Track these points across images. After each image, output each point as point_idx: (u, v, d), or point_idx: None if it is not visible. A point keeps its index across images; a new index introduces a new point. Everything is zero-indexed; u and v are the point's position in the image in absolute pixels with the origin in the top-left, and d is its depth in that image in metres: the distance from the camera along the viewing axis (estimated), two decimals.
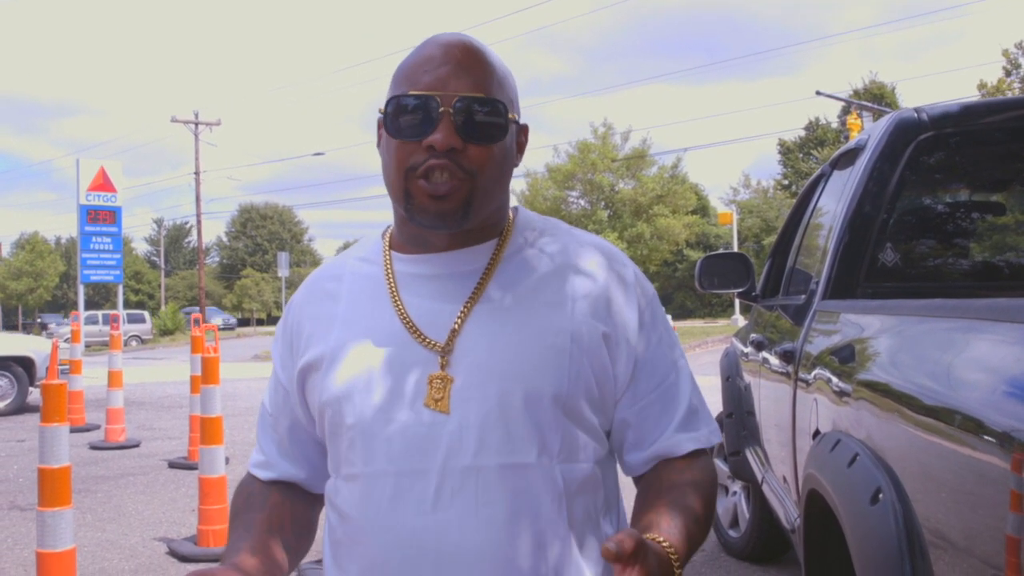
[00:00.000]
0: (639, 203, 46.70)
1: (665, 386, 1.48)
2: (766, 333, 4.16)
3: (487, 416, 1.37)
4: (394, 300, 1.46)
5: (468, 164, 1.38)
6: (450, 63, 1.40)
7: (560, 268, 1.47)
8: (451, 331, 1.41)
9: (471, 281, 1.45)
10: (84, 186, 26.44)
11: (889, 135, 3.08)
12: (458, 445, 1.36)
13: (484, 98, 1.40)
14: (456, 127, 1.37)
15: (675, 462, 1.47)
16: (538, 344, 1.40)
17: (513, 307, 1.43)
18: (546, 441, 1.38)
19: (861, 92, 48.29)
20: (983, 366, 1.55)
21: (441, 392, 1.38)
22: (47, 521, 4.17)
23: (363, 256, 1.57)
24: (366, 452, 1.41)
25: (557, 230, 1.55)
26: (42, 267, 66.75)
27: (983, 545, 1.35)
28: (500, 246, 1.49)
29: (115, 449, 9.92)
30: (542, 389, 1.38)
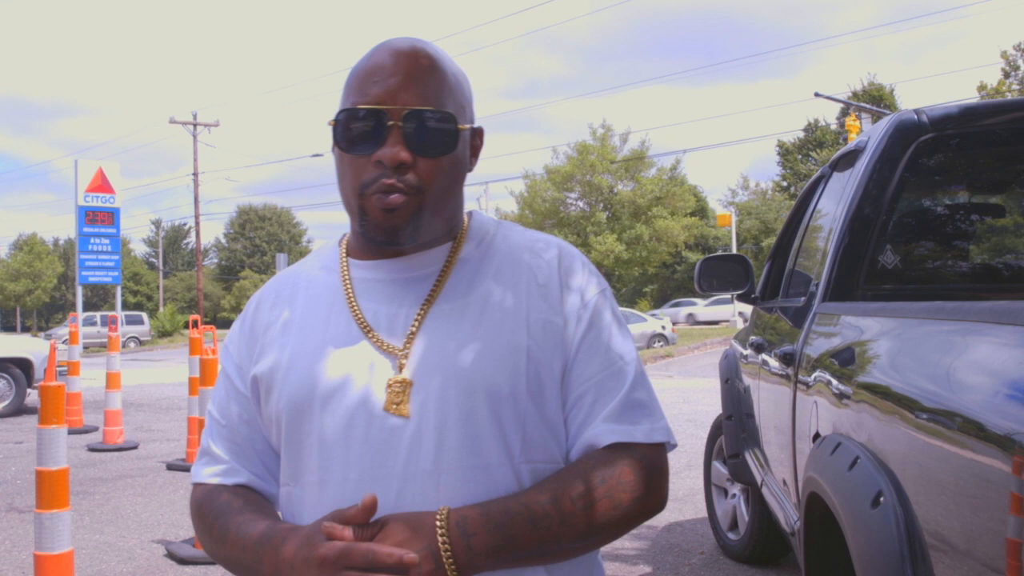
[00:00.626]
0: (638, 205, 46.74)
1: (601, 377, 1.44)
2: (766, 335, 4.15)
3: (446, 418, 1.36)
4: (351, 306, 1.46)
5: (416, 180, 1.38)
6: (399, 73, 1.39)
7: (513, 267, 1.48)
8: (408, 335, 1.41)
9: (427, 284, 1.45)
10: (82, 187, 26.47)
11: (889, 137, 3.08)
12: (418, 449, 1.35)
13: (434, 111, 1.39)
14: (406, 141, 1.37)
15: (593, 453, 1.42)
16: (495, 343, 1.39)
17: (469, 308, 1.43)
18: (508, 440, 1.38)
19: (860, 94, 48.34)
20: (984, 369, 1.55)
21: (400, 396, 1.37)
22: (45, 523, 4.16)
23: (320, 264, 1.57)
24: (325, 459, 1.39)
25: (510, 231, 1.56)
26: (40, 268, 66.80)
27: (984, 548, 1.35)
28: (455, 249, 1.49)
29: (113, 451, 9.91)
30: (500, 387, 1.37)
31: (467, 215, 1.56)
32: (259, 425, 1.52)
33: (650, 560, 5.47)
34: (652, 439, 1.43)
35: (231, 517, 1.45)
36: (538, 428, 1.40)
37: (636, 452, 1.41)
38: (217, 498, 1.50)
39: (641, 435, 1.42)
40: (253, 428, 1.53)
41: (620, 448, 1.41)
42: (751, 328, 5.02)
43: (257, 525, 1.41)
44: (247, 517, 1.44)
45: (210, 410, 1.59)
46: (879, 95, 48.50)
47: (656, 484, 1.42)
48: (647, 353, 25.02)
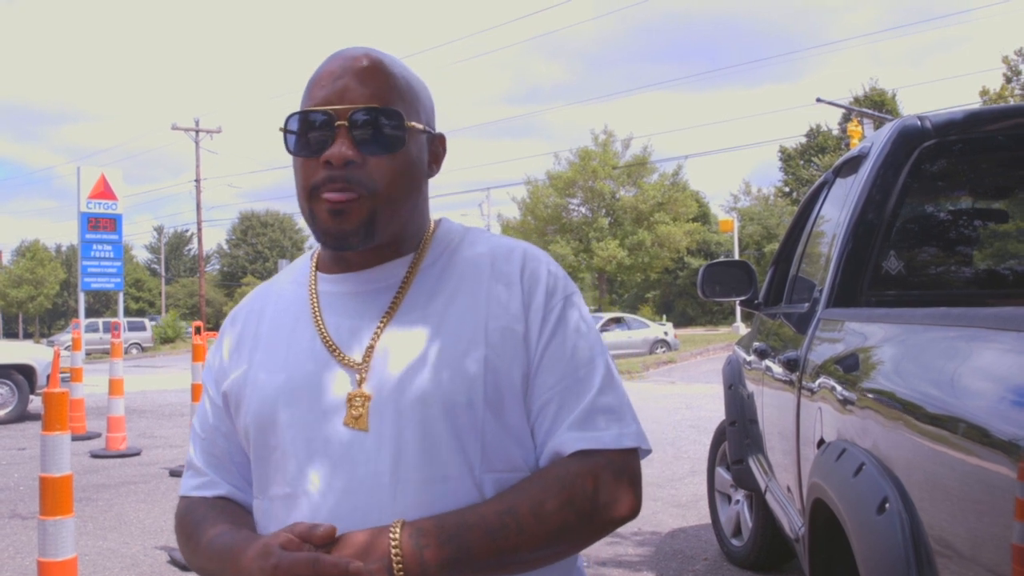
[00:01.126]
0: (640, 210, 46.75)
1: (566, 384, 1.41)
2: (769, 341, 4.15)
3: (402, 431, 1.35)
4: (316, 319, 1.46)
5: (367, 179, 1.37)
6: (347, 76, 1.40)
7: (476, 274, 1.46)
8: (367, 348, 1.41)
9: (388, 297, 1.45)
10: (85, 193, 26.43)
11: (892, 143, 3.08)
12: (376, 462, 1.35)
13: (380, 108, 1.39)
14: (353, 139, 1.37)
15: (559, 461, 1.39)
16: (452, 353, 1.38)
17: (427, 319, 1.42)
18: (467, 451, 1.36)
19: (862, 99, 48.33)
20: (989, 375, 1.55)
21: (360, 410, 1.37)
22: (49, 530, 4.16)
23: (291, 278, 1.58)
24: (289, 473, 1.40)
25: (477, 239, 1.54)
26: (43, 275, 66.92)
27: (990, 554, 1.35)
28: (416, 259, 1.48)
29: (116, 457, 9.90)
30: (456, 398, 1.36)
31: (434, 223, 1.55)
32: (236, 438, 1.53)
33: (653, 566, 5.47)
34: (621, 444, 1.40)
35: (205, 528, 1.46)
36: (498, 437, 1.39)
37: (603, 458, 1.38)
38: (196, 510, 1.52)
39: (609, 440, 1.39)
40: (231, 441, 1.54)
41: (586, 455, 1.38)
42: (754, 334, 5.02)
43: (225, 536, 1.42)
44: (219, 528, 1.44)
45: (193, 423, 1.61)
46: (881, 100, 48.50)
47: (626, 490, 1.40)
48: (650, 359, 24.99)
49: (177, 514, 1.58)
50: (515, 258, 1.49)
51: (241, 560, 1.32)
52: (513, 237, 1.62)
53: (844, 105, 39.28)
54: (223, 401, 1.53)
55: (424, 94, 1.50)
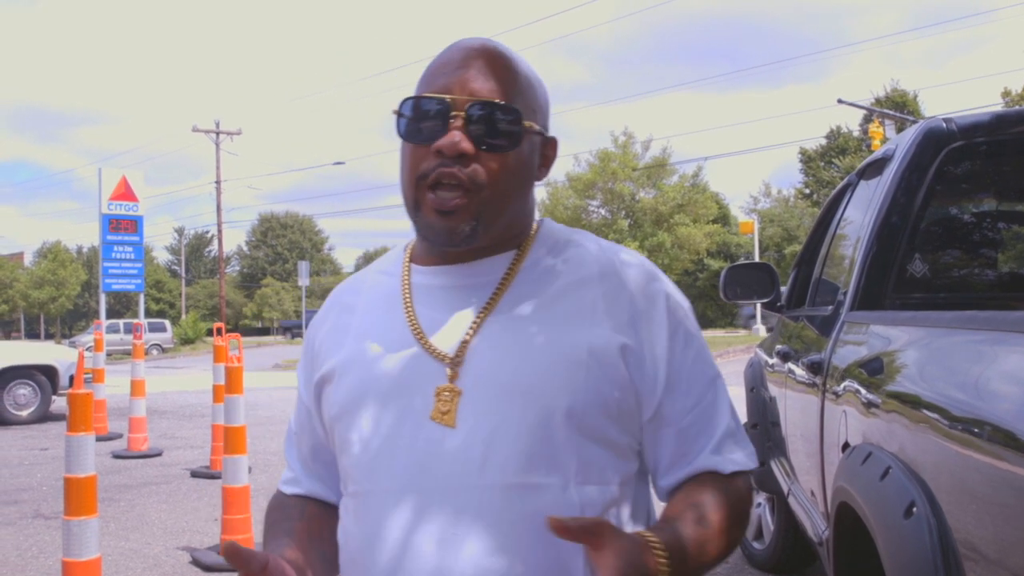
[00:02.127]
0: (660, 212, 46.69)
1: (702, 407, 1.40)
2: (792, 344, 4.13)
3: (494, 432, 1.30)
4: (407, 311, 1.42)
5: (478, 176, 1.33)
6: (468, 67, 1.36)
7: (581, 279, 1.41)
8: (462, 342, 1.36)
9: (487, 292, 1.40)
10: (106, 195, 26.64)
11: (918, 145, 3.06)
12: (462, 463, 1.29)
13: (499, 103, 1.34)
14: (468, 132, 1.33)
15: (705, 481, 1.38)
16: (552, 357, 1.33)
17: (528, 319, 1.37)
18: (560, 460, 1.31)
19: (883, 100, 48.13)
20: (1016, 379, 1.54)
21: (448, 405, 1.32)
22: (73, 530, 4.19)
23: (383, 268, 1.54)
24: (369, 469, 1.36)
25: (583, 241, 1.48)
26: (64, 276, 67.39)
27: (1018, 558, 1.34)
28: (519, 257, 1.43)
29: (138, 458, 9.97)
30: (554, 405, 1.31)
31: (537, 223, 1.50)
32: (322, 437, 1.52)
33: None
34: (750, 465, 1.41)
35: (273, 531, 1.51)
36: (595, 450, 1.34)
37: (743, 478, 1.41)
38: (274, 511, 1.57)
39: (744, 461, 1.40)
40: (316, 440, 1.53)
41: (738, 476, 1.39)
42: (776, 336, 5.00)
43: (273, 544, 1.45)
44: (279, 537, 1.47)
45: (290, 419, 1.62)
46: (902, 101, 48.30)
47: (750, 509, 1.44)
48: None
49: (269, 504, 1.62)
50: (630, 267, 1.44)
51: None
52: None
53: (865, 106, 39.10)
54: (314, 396, 1.50)
55: (543, 95, 1.46)
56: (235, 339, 6.75)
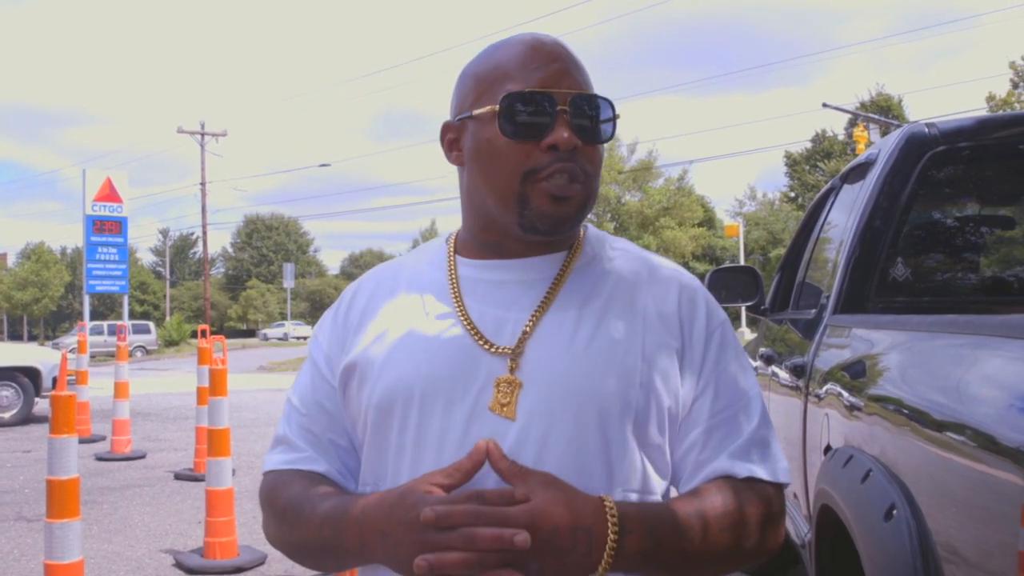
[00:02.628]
0: (645, 215, 46.82)
1: (731, 412, 1.38)
2: (775, 347, 4.15)
3: (551, 429, 1.29)
4: (457, 304, 1.40)
5: (586, 165, 1.35)
6: (557, 61, 1.36)
7: (632, 284, 1.42)
8: (522, 334, 1.35)
9: (539, 290, 1.39)
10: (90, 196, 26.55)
11: (900, 149, 3.08)
12: (516, 458, 1.25)
13: (597, 96, 1.37)
14: (572, 126, 1.33)
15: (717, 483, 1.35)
16: (609, 360, 1.33)
17: (584, 319, 1.36)
18: (612, 464, 1.31)
19: (868, 104, 48.30)
20: (996, 382, 1.55)
21: (508, 397, 1.31)
22: (55, 532, 4.17)
23: (426, 259, 1.51)
24: (415, 460, 1.33)
25: (628, 248, 1.50)
26: (47, 277, 67.04)
27: (997, 561, 1.35)
28: (571, 257, 1.43)
29: (121, 460, 9.92)
30: (611, 404, 1.31)
31: (583, 227, 1.50)
32: (342, 419, 1.45)
33: None
34: (777, 479, 1.38)
35: (305, 496, 1.37)
36: (645, 453, 1.34)
37: (764, 489, 1.36)
38: (291, 482, 1.41)
39: (767, 473, 1.36)
40: (335, 421, 1.45)
41: (755, 483, 1.36)
42: (760, 339, 5.02)
43: (333, 498, 1.34)
44: (323, 493, 1.36)
45: (290, 398, 1.51)
46: (887, 105, 48.47)
47: (780, 525, 1.38)
48: None
49: (263, 489, 1.46)
50: (672, 276, 1.45)
51: (367, 514, 1.25)
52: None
53: (850, 110, 39.25)
54: (338, 377, 1.44)
55: None
56: (219, 341, 6.74)
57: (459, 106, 1.43)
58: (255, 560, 5.67)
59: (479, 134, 1.37)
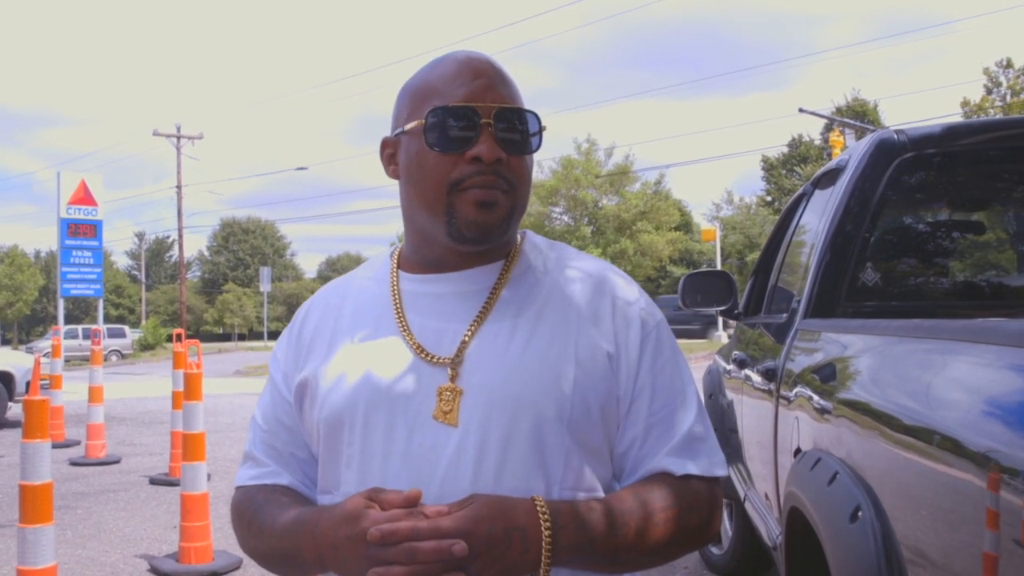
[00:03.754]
0: (622, 219, 46.82)
1: (667, 412, 1.43)
2: (748, 351, 4.18)
3: (488, 437, 1.34)
4: (399, 318, 1.45)
5: (510, 176, 1.39)
6: (482, 76, 1.41)
7: (566, 290, 1.46)
8: (461, 344, 1.40)
9: (476, 301, 1.44)
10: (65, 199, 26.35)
11: (870, 155, 3.12)
12: (456, 466, 1.33)
13: (522, 109, 1.42)
14: (497, 139, 1.38)
15: (653, 480, 1.41)
16: (543, 366, 1.37)
17: (519, 328, 1.41)
18: (549, 467, 1.35)
19: (844, 109, 48.66)
20: (959, 386, 1.58)
21: (450, 404, 1.36)
22: (28, 538, 4.14)
23: (370, 275, 1.57)
24: (362, 471, 1.38)
25: (564, 253, 1.55)
26: (21, 281, 66.37)
27: (960, 562, 1.37)
28: (507, 267, 1.48)
29: (95, 465, 9.85)
30: (546, 410, 1.35)
31: (520, 234, 1.55)
32: (300, 433, 1.52)
33: None
34: (712, 473, 1.43)
35: (267, 509, 1.46)
36: (581, 457, 1.38)
37: (701, 484, 1.42)
38: (255, 495, 1.51)
39: (702, 468, 1.42)
40: (294, 435, 1.53)
41: (689, 479, 1.41)
42: (734, 343, 5.05)
43: (292, 511, 1.41)
44: (284, 506, 1.44)
45: (255, 416, 1.59)
46: (863, 111, 48.84)
47: (715, 517, 1.44)
48: None
49: (233, 504, 1.55)
50: (607, 281, 1.49)
51: (319, 529, 1.32)
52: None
53: (826, 115, 39.50)
54: (293, 393, 1.51)
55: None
56: (194, 345, 6.71)
57: (395, 121, 1.49)
58: (230, 565, 5.65)
59: (410, 148, 1.44)
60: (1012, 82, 41.60)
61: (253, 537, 1.47)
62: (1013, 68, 41.59)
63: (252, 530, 1.47)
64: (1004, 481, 1.20)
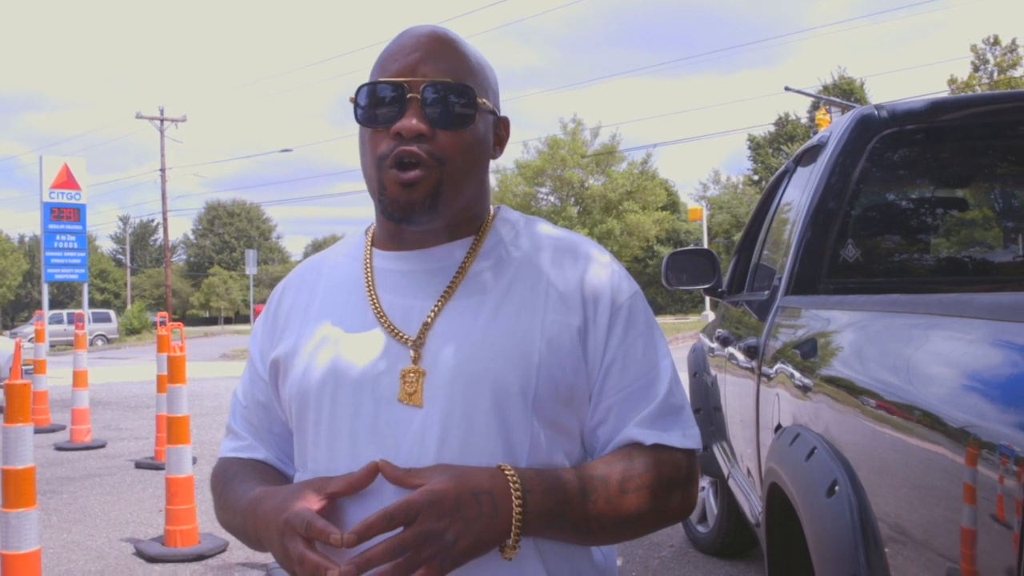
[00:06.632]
0: (609, 199, 46.86)
1: (639, 385, 1.43)
2: (732, 329, 4.19)
3: (451, 413, 1.34)
4: (370, 295, 1.46)
5: (437, 151, 1.38)
6: (420, 50, 1.41)
7: (535, 265, 1.45)
8: (423, 325, 1.40)
9: (445, 277, 1.44)
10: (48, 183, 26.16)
11: (850, 132, 3.12)
12: (420, 442, 1.33)
13: (452, 83, 1.39)
14: (424, 113, 1.37)
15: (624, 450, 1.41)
16: (507, 342, 1.37)
17: (484, 304, 1.41)
18: (512, 442, 1.35)
19: (831, 87, 48.65)
20: (936, 361, 1.58)
21: (414, 386, 1.36)
22: (11, 522, 4.13)
23: (345, 252, 1.57)
24: (330, 448, 1.39)
25: (537, 228, 1.54)
26: (5, 266, 66.11)
27: (937, 537, 1.37)
28: (477, 242, 1.47)
29: (81, 450, 9.83)
30: (510, 386, 1.35)
31: (494, 209, 1.55)
32: (276, 410, 1.54)
33: (620, 552, 5.50)
34: (685, 445, 1.43)
35: (234, 484, 1.49)
36: (547, 433, 1.39)
37: (675, 455, 1.42)
38: (229, 468, 1.54)
39: (675, 440, 1.42)
40: (270, 412, 1.55)
41: (662, 449, 1.41)
42: (719, 321, 5.06)
43: (251, 488, 1.43)
44: (247, 483, 1.46)
45: (235, 391, 1.62)
46: (850, 89, 48.86)
47: (690, 488, 1.44)
48: None
49: (212, 475, 1.59)
50: (579, 254, 1.48)
51: (259, 509, 1.35)
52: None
53: (812, 94, 39.50)
54: (268, 371, 1.52)
55: (492, 76, 1.51)
56: (178, 328, 6.69)
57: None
58: (216, 547, 5.65)
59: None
60: (999, 59, 41.66)
61: (222, 509, 1.51)
62: (1000, 45, 41.63)
63: (220, 502, 1.51)
64: (981, 456, 1.19)
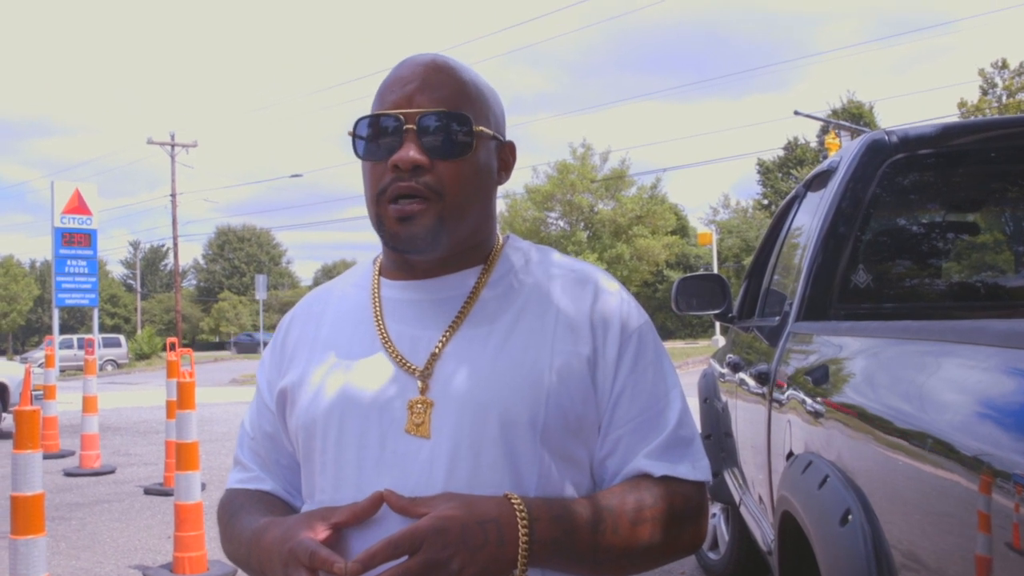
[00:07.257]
0: (618, 224, 46.88)
1: (648, 415, 1.41)
2: (742, 354, 4.17)
3: (459, 444, 1.32)
4: (378, 325, 1.44)
5: (435, 183, 1.36)
6: (416, 80, 1.40)
7: (544, 294, 1.44)
8: (431, 355, 1.38)
9: (454, 307, 1.42)
10: (59, 208, 26.34)
11: (861, 157, 3.11)
12: (428, 474, 1.32)
13: (448, 112, 1.38)
14: (422, 143, 1.36)
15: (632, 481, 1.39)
16: (516, 372, 1.35)
17: (493, 334, 1.39)
18: (520, 473, 1.33)
19: (840, 112, 48.73)
20: (948, 388, 1.56)
21: (421, 417, 1.34)
22: (20, 549, 4.12)
23: (353, 281, 1.56)
24: (336, 479, 1.38)
25: (547, 257, 1.52)
26: (16, 291, 66.40)
27: (951, 566, 1.36)
28: (485, 272, 1.46)
29: (90, 476, 9.81)
30: (518, 417, 1.33)
31: (502, 238, 1.54)
32: (283, 441, 1.52)
33: None
34: (695, 477, 1.41)
35: (241, 514, 1.47)
36: (556, 463, 1.37)
37: (684, 487, 1.41)
38: (235, 499, 1.53)
39: (685, 472, 1.40)
40: (277, 443, 1.53)
41: (671, 481, 1.39)
42: (729, 347, 5.04)
43: (256, 520, 1.42)
44: (253, 514, 1.45)
45: (243, 422, 1.61)
46: (859, 113, 48.93)
47: (700, 522, 1.43)
48: None
49: (219, 504, 1.58)
50: (589, 283, 1.47)
51: (263, 539, 1.34)
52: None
53: (821, 118, 39.57)
54: (276, 401, 1.51)
55: (494, 100, 1.49)
56: (187, 354, 6.69)
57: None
58: (225, 575, 5.63)
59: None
60: (1008, 82, 41.72)
61: (227, 541, 1.49)
62: (1008, 68, 41.70)
63: (226, 533, 1.50)
64: (996, 484, 1.18)
